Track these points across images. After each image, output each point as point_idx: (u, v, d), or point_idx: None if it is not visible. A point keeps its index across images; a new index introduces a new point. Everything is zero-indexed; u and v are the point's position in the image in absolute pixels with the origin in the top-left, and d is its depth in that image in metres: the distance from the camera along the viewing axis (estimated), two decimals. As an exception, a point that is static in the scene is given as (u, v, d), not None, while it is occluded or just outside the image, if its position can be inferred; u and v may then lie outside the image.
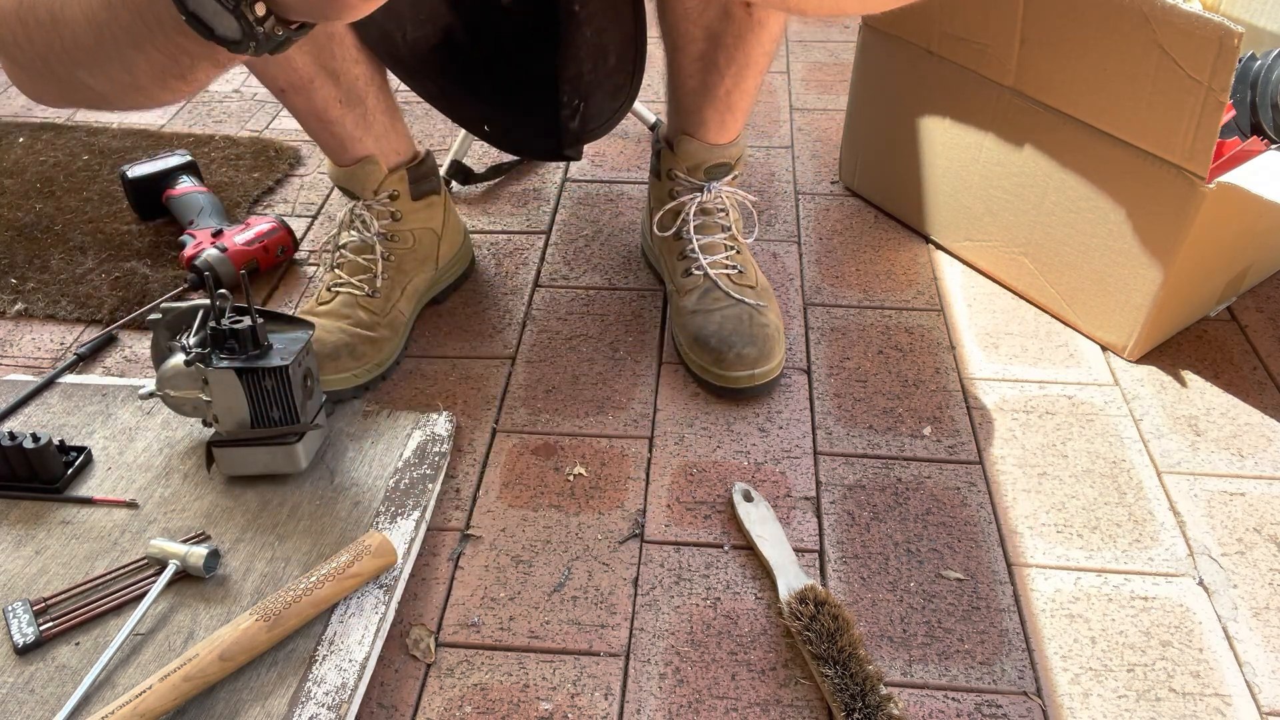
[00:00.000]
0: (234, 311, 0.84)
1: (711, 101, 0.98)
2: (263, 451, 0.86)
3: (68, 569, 0.80)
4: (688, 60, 0.95)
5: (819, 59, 1.68)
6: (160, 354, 0.88)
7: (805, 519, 0.88)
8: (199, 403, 0.86)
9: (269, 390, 0.83)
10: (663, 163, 1.06)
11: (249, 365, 0.82)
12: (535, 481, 0.93)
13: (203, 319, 0.85)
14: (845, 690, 0.71)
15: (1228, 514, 0.88)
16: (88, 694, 0.70)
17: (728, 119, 1.00)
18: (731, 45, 0.92)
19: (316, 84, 0.93)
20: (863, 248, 1.22)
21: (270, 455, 0.86)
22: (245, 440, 0.85)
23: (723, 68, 0.94)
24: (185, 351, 0.83)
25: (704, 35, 0.92)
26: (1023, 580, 0.83)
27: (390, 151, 1.02)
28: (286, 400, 0.83)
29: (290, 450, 0.86)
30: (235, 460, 0.87)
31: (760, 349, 0.98)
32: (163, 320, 0.87)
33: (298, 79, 0.92)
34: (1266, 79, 1.01)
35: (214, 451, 0.86)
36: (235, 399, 0.83)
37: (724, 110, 0.98)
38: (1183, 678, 0.75)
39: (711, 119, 0.99)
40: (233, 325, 0.82)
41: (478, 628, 0.80)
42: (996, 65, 1.04)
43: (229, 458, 0.87)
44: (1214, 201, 0.90)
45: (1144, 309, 1.00)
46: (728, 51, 0.93)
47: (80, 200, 1.34)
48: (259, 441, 0.85)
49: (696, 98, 0.98)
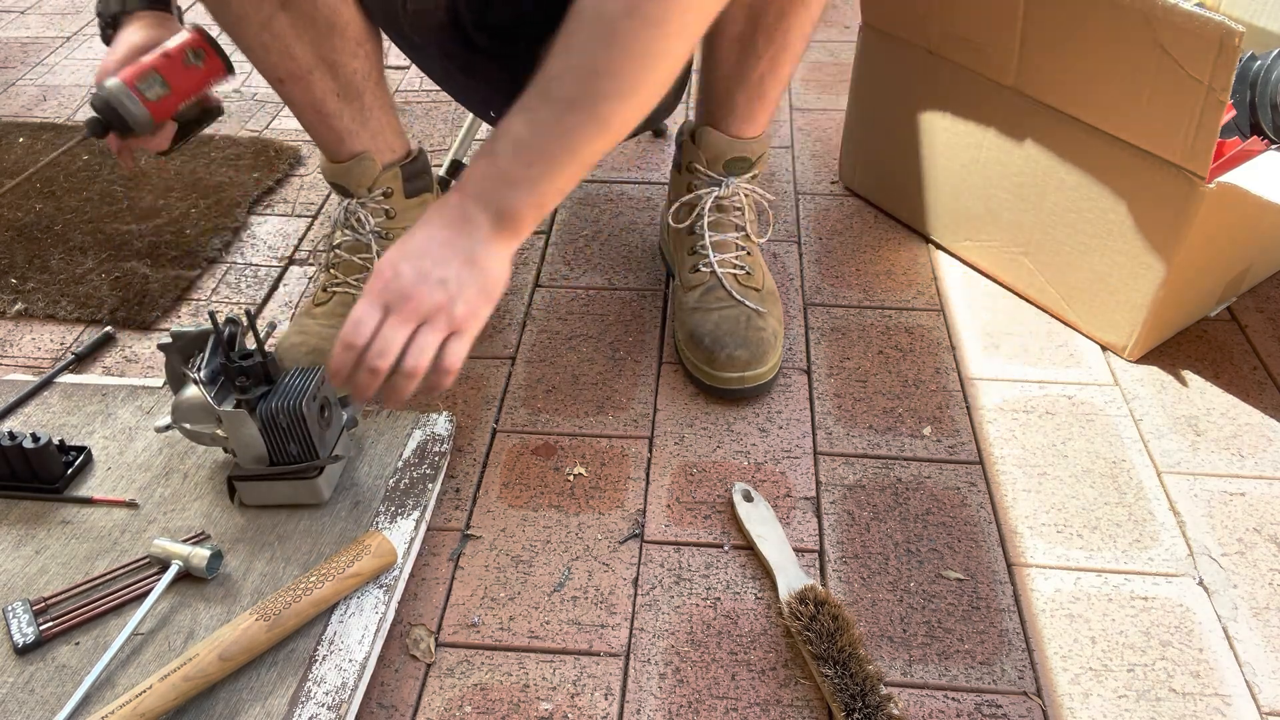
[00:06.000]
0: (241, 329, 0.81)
1: (744, 86, 0.97)
2: (284, 485, 0.84)
3: (68, 569, 0.80)
4: (725, 41, 0.94)
5: (819, 59, 1.68)
6: (176, 379, 0.84)
7: (805, 519, 0.88)
8: (215, 436, 0.83)
9: (284, 428, 0.80)
10: (684, 155, 1.06)
11: (262, 404, 0.79)
12: (535, 481, 0.93)
13: (214, 345, 0.82)
14: (845, 690, 0.71)
15: (1228, 514, 0.88)
16: (88, 694, 0.70)
17: (757, 107, 0.99)
18: (772, 25, 0.91)
19: (315, 75, 0.93)
20: (863, 248, 1.22)
21: (292, 488, 0.84)
22: (265, 475, 0.83)
23: (760, 49, 0.94)
24: (198, 384, 0.81)
25: (745, 15, 0.91)
26: (1023, 580, 0.83)
27: (385, 148, 1.02)
28: (303, 436, 0.81)
29: (311, 485, 0.84)
30: (257, 493, 0.85)
31: (752, 352, 0.98)
32: (174, 345, 0.83)
33: (296, 69, 0.92)
34: (1266, 79, 1.00)
35: (235, 484, 0.85)
36: (250, 437, 0.81)
37: (755, 97, 0.98)
38: (1183, 678, 0.75)
39: (742, 105, 0.99)
40: (242, 364, 0.79)
41: (478, 628, 0.80)
42: (996, 65, 1.04)
43: (251, 490, 0.84)
44: (1214, 201, 0.90)
45: (1144, 309, 1.00)
46: (767, 32, 0.92)
47: (80, 200, 1.34)
48: (279, 476, 0.83)
49: (730, 82, 0.97)
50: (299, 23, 0.89)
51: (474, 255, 0.72)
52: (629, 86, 0.69)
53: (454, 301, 0.71)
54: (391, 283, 0.70)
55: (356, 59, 0.95)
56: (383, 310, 0.70)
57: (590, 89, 0.68)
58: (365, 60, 0.96)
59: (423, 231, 0.72)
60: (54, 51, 1.79)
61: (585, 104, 0.69)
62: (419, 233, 0.72)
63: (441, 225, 0.72)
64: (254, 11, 0.88)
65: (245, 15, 0.88)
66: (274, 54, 0.91)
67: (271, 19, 0.88)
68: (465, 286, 0.71)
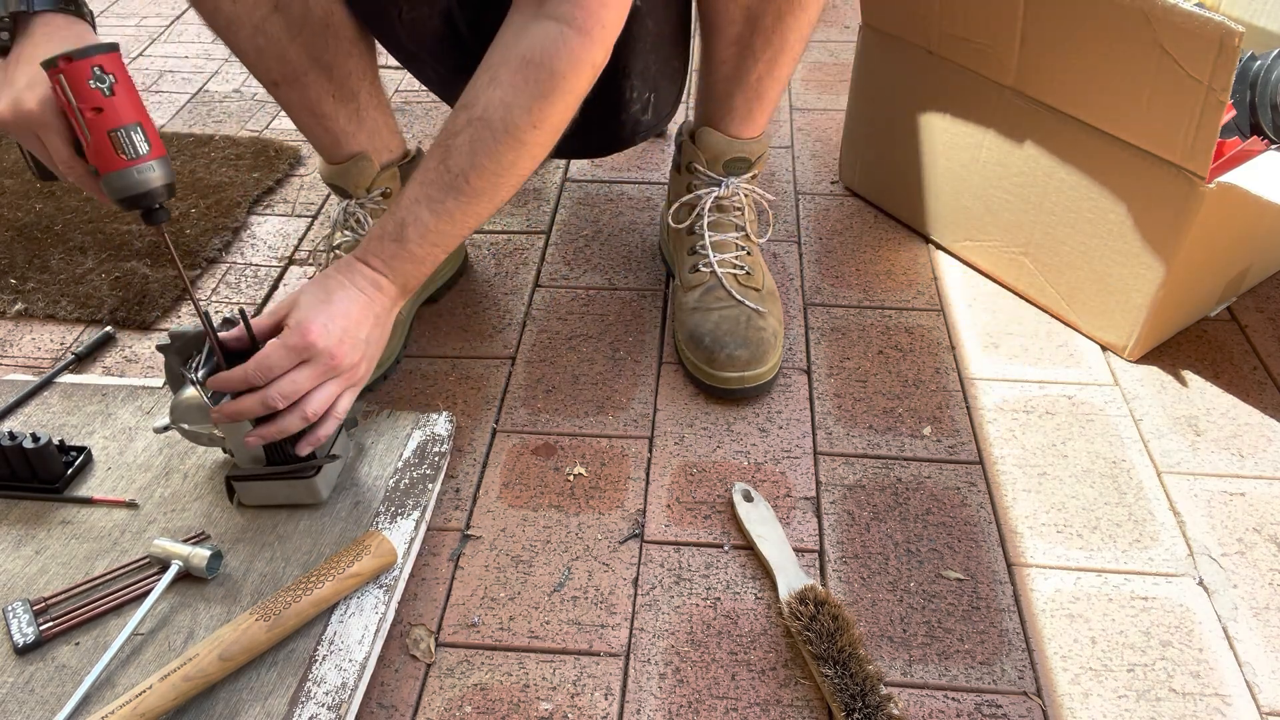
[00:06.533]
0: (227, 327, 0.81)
1: (742, 88, 0.97)
2: (281, 484, 0.84)
3: (68, 569, 0.80)
4: (724, 43, 0.95)
5: (819, 59, 1.68)
6: (175, 379, 0.84)
7: (805, 519, 0.88)
8: (214, 437, 0.83)
9: None
10: (684, 156, 1.07)
11: None
12: (535, 481, 0.93)
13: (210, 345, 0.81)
14: (845, 690, 0.71)
15: (1228, 514, 0.88)
16: (88, 694, 0.70)
17: (755, 108, 1.00)
18: (770, 27, 0.92)
19: (309, 77, 0.93)
20: (863, 248, 1.22)
21: (290, 488, 0.84)
22: (262, 475, 0.83)
23: (758, 51, 0.94)
24: (195, 385, 0.80)
25: (743, 16, 0.92)
26: (1023, 580, 0.83)
27: (383, 149, 1.02)
28: (298, 437, 0.81)
29: (309, 484, 0.84)
30: (255, 493, 0.85)
31: (752, 352, 0.98)
32: (172, 346, 0.82)
33: (290, 71, 0.92)
34: (1266, 79, 1.00)
35: (234, 484, 0.85)
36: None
37: (753, 98, 0.98)
38: (1183, 678, 0.75)
39: (740, 107, 0.99)
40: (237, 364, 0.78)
41: (478, 628, 0.80)
42: (996, 65, 1.04)
43: (249, 490, 0.84)
44: (1214, 201, 0.90)
45: (1144, 309, 1.00)
46: (765, 34, 0.92)
47: (80, 200, 1.34)
48: (276, 476, 0.83)
49: (728, 84, 0.98)
50: (292, 25, 0.89)
51: (381, 321, 0.82)
52: (523, 174, 0.81)
53: (364, 362, 0.81)
54: (319, 341, 0.76)
55: (351, 59, 0.95)
56: (296, 361, 0.77)
57: (495, 184, 0.79)
58: (360, 60, 0.96)
59: (343, 297, 0.80)
60: (54, 51, 1.79)
61: (491, 195, 0.80)
62: (340, 299, 0.79)
63: (357, 291, 0.80)
64: (246, 16, 0.87)
65: (238, 19, 0.88)
66: (268, 57, 0.91)
67: (264, 22, 0.88)
68: (373, 348, 0.82)
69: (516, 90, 0.75)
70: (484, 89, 0.77)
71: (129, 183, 0.70)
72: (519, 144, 0.77)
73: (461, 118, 0.78)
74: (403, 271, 0.82)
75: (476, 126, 0.77)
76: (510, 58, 0.76)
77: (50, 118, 0.70)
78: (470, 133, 0.77)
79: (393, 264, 0.81)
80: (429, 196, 0.79)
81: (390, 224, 0.81)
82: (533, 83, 0.75)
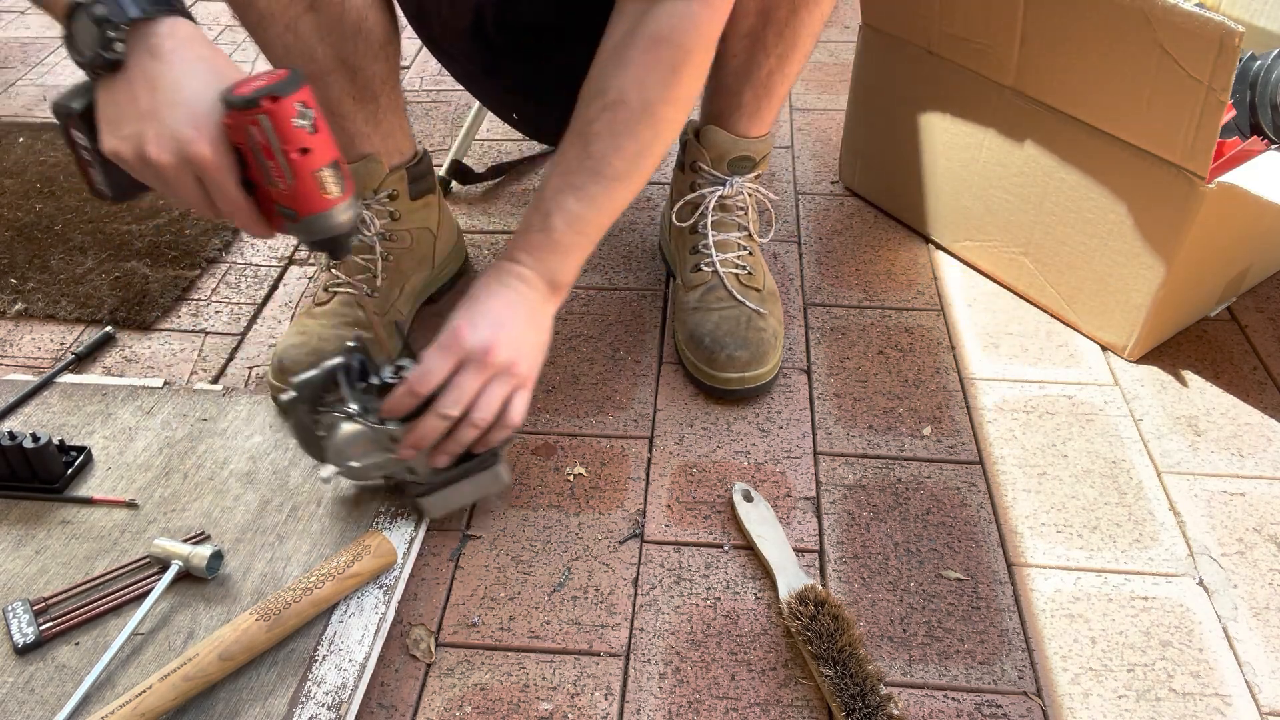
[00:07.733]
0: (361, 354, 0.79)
1: (752, 84, 0.97)
2: (467, 483, 0.83)
3: (68, 569, 0.80)
4: (735, 36, 0.95)
5: (819, 59, 1.68)
6: (307, 434, 0.81)
7: (805, 519, 0.88)
8: (388, 461, 0.80)
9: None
10: (688, 154, 1.06)
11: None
12: (535, 481, 0.93)
13: (346, 376, 0.79)
14: (845, 690, 0.71)
15: (1228, 514, 0.88)
16: (88, 694, 0.70)
17: (764, 105, 1.00)
18: (783, 20, 0.92)
19: (333, 77, 0.93)
20: (863, 248, 1.22)
21: (474, 485, 0.84)
22: (448, 480, 0.82)
23: (770, 46, 0.94)
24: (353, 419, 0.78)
25: (756, 9, 0.92)
26: (1023, 580, 0.83)
27: (393, 151, 1.02)
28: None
29: (494, 472, 0.83)
30: (442, 501, 0.84)
31: (753, 352, 0.98)
32: (299, 398, 0.78)
33: (315, 70, 0.91)
34: (1266, 79, 1.01)
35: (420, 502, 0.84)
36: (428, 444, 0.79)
37: (763, 94, 0.98)
38: (1183, 678, 0.75)
39: (749, 103, 0.99)
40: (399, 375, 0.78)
41: (478, 628, 0.80)
42: (996, 65, 1.04)
43: (435, 503, 0.84)
44: (1214, 201, 0.90)
45: (1144, 309, 1.00)
46: (778, 28, 0.93)
47: (80, 200, 1.34)
48: (463, 477, 0.82)
49: (738, 79, 0.98)
50: (324, 25, 0.89)
51: (534, 317, 0.81)
52: (659, 155, 0.82)
53: (521, 359, 0.79)
54: (469, 339, 0.76)
55: (378, 62, 0.95)
56: (455, 364, 0.76)
57: (636, 166, 0.80)
58: (385, 64, 0.96)
59: (488, 295, 0.80)
60: (54, 51, 1.79)
61: (633, 177, 0.81)
62: (485, 296, 0.79)
63: (501, 286, 0.80)
64: (281, 12, 0.87)
65: (271, 14, 0.87)
66: (295, 55, 0.90)
67: (297, 20, 0.88)
68: (529, 345, 0.81)
69: (648, 69, 0.77)
70: (612, 75, 0.78)
71: (332, 224, 0.64)
72: (656, 121, 0.79)
73: (595, 105, 0.78)
74: (548, 262, 0.81)
75: (613, 110, 0.78)
76: (637, 39, 0.77)
77: (225, 159, 0.62)
78: (607, 117, 0.78)
79: (538, 255, 0.81)
80: (572, 185, 0.80)
81: (535, 218, 0.81)
82: (665, 60, 0.77)
